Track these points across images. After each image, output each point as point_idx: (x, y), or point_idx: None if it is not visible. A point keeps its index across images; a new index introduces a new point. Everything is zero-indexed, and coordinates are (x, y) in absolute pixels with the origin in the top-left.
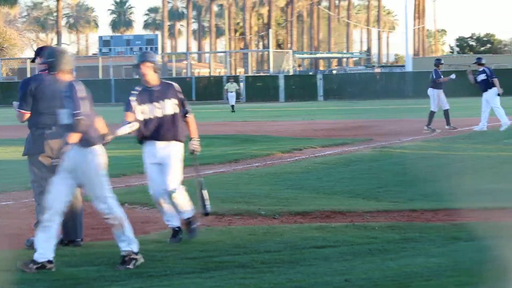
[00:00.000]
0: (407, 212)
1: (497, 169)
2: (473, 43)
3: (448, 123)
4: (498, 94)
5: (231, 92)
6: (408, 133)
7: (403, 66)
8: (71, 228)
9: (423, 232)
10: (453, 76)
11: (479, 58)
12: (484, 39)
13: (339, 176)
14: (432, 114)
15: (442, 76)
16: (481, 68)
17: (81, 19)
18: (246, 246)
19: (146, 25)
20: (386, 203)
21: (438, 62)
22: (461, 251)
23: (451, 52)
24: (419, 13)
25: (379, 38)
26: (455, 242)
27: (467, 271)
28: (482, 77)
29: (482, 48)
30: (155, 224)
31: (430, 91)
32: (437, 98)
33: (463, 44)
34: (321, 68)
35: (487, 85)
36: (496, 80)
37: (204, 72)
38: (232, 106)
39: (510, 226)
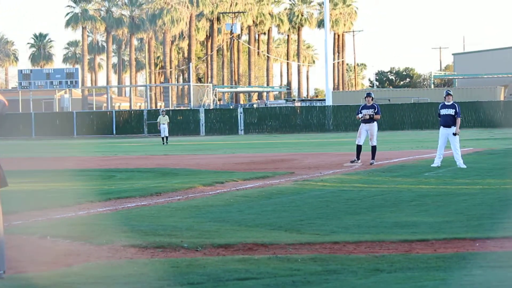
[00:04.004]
0: (329, 244)
1: (417, 201)
2: (393, 77)
3: (357, 157)
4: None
5: (163, 124)
6: (329, 166)
7: (323, 100)
8: None
9: (346, 264)
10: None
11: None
12: (404, 73)
13: (261, 209)
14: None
15: (360, 112)
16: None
17: (0, 53)
18: (169, 278)
19: (66, 59)
20: (309, 235)
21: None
22: (383, 283)
23: (370, 86)
24: (338, 47)
25: (299, 72)
26: (377, 273)
27: None
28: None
29: (402, 82)
30: (78, 256)
31: None
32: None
33: (382, 78)
34: (242, 101)
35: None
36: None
37: (124, 106)
38: (164, 138)
39: (431, 258)
